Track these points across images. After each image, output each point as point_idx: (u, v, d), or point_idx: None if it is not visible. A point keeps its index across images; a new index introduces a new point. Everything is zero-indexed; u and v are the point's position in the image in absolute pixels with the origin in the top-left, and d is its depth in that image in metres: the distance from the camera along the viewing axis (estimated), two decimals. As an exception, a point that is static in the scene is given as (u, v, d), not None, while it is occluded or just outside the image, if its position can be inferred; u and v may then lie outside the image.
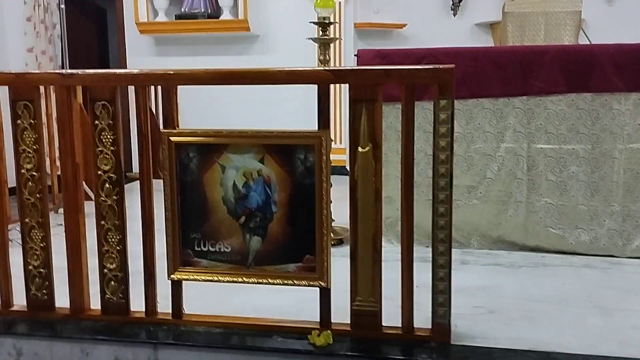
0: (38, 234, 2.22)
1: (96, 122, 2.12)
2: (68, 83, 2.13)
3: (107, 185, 2.15)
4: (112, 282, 2.20)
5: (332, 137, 6.46)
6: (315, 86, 1.97)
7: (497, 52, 3.25)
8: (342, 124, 6.27)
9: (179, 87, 2.07)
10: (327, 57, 3.20)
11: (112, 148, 2.13)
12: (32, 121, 2.17)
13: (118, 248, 2.18)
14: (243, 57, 6.88)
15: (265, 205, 2.09)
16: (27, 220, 2.22)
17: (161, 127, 2.12)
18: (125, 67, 6.49)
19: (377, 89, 1.94)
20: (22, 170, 2.19)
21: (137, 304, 2.22)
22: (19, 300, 2.30)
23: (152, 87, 4.46)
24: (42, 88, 2.24)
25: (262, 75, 2.02)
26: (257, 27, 6.48)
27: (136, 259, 2.21)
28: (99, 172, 2.15)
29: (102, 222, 2.17)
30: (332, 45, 6.43)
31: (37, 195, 2.20)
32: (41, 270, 2.24)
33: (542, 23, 5.12)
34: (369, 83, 1.94)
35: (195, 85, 2.12)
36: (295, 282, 2.08)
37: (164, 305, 2.21)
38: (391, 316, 2.05)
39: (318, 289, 2.07)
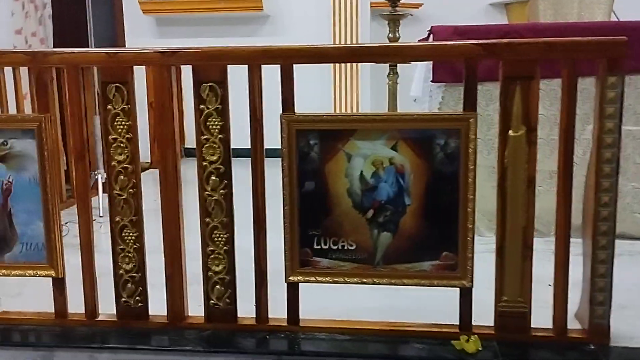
0: (131, 234, 1.97)
1: (202, 106, 1.87)
2: (169, 62, 1.87)
3: (213, 177, 1.90)
4: (218, 286, 1.96)
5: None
6: (330, 67, 1.76)
7: (581, 28, 3.06)
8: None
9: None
10: (397, 35, 2.98)
11: (220, 136, 1.88)
12: (125, 106, 1.90)
13: (225, 248, 1.94)
14: (252, 39, 6.60)
15: (397, 197, 1.87)
16: (118, 218, 1.96)
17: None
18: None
19: (534, 64, 1.73)
20: (113, 162, 1.93)
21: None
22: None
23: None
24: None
25: (400, 51, 1.78)
26: (268, 6, 6.21)
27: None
28: (204, 163, 1.90)
29: (207, 219, 1.93)
30: (346, 26, 6.27)
31: (131, 191, 1.94)
32: (134, 274, 1.99)
33: (576, 0, 4.97)
34: (525, 58, 1.73)
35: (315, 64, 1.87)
36: (434, 282, 1.87)
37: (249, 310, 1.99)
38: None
39: (458, 288, 1.87)
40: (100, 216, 3.67)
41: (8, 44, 5.76)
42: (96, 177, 4.09)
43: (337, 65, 5.46)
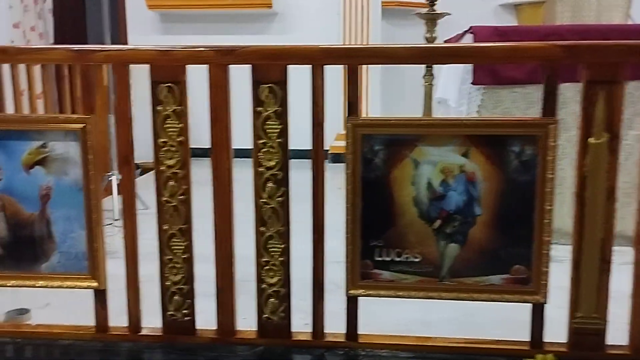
0: (180, 243, 1.85)
1: (259, 108, 1.75)
2: (226, 61, 1.75)
3: (270, 184, 1.79)
4: (273, 299, 1.85)
5: (342, 121, 6.15)
6: (342, 68, 1.68)
7: (629, 30, 2.98)
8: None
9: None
10: (434, 35, 2.88)
11: (278, 140, 1.77)
12: (176, 107, 1.78)
13: (281, 259, 1.82)
14: (260, 37, 6.48)
15: (466, 207, 1.76)
16: (166, 227, 1.84)
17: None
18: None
19: (619, 68, 1.63)
20: (162, 167, 1.81)
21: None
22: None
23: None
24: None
25: (479, 51, 1.68)
26: (277, 3, 6.10)
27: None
28: (261, 169, 1.78)
29: (262, 228, 1.81)
30: (357, 24, 6.16)
31: (180, 197, 1.82)
32: (182, 286, 1.87)
33: (594, 3, 4.91)
34: (609, 61, 1.64)
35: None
36: (505, 297, 1.77)
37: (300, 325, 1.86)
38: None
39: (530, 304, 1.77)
40: (116, 219, 3.55)
41: (5, 38, 5.58)
42: (110, 178, 3.96)
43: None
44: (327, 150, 5.50)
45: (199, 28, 6.40)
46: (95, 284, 1.88)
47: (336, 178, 2.02)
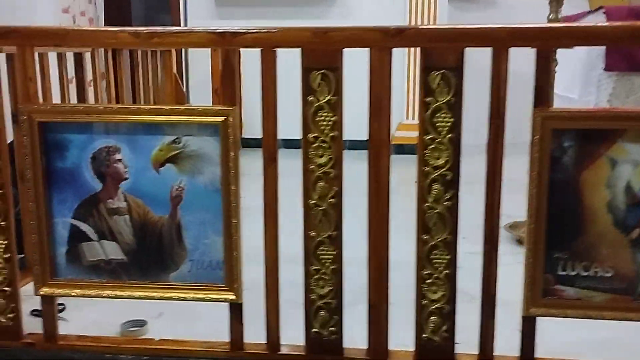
0: (329, 252, 1.62)
1: (429, 99, 1.51)
2: (391, 44, 1.51)
3: (437, 185, 1.55)
4: (434, 317, 1.62)
5: (404, 110, 5.85)
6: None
7: None
8: (413, 96, 5.73)
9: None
10: (558, 16, 2.61)
11: (449, 135, 1.53)
12: (331, 98, 1.54)
13: (447, 272, 1.59)
14: (319, 22, 6.24)
15: (672, 215, 1.50)
16: (313, 233, 1.62)
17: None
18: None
19: None
20: (311, 166, 1.58)
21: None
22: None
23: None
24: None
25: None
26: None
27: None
28: (426, 169, 1.55)
29: (426, 237, 1.58)
30: (423, 6, 5.89)
31: (331, 201, 1.59)
32: (329, 300, 1.65)
33: None
34: None
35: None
36: None
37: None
38: None
39: None
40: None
41: (54, 23, 5.40)
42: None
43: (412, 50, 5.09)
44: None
45: (255, 13, 6.19)
46: (232, 297, 1.67)
47: (401, 171, 1.88)
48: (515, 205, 1.75)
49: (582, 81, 2.77)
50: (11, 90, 2.09)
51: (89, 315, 2.06)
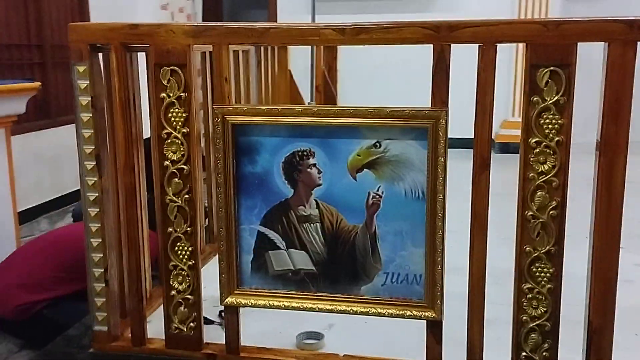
0: (545, 270, 1.46)
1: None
2: (637, 38, 1.33)
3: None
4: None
5: (509, 108, 5.54)
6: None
7: None
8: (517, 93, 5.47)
9: None
10: None
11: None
12: (560, 98, 1.38)
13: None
14: (422, 15, 6.04)
15: None
16: (528, 248, 1.46)
17: None
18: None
19: None
20: (531, 174, 1.43)
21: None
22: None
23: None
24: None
25: None
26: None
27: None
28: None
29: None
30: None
31: (552, 212, 1.43)
32: (544, 322, 1.49)
33: None
34: None
35: None
36: None
37: None
38: None
39: None
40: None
41: (153, 20, 5.44)
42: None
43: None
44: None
45: (355, 7, 6.08)
46: (431, 315, 1.54)
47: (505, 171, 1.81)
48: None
49: None
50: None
51: (252, 323, 1.97)
